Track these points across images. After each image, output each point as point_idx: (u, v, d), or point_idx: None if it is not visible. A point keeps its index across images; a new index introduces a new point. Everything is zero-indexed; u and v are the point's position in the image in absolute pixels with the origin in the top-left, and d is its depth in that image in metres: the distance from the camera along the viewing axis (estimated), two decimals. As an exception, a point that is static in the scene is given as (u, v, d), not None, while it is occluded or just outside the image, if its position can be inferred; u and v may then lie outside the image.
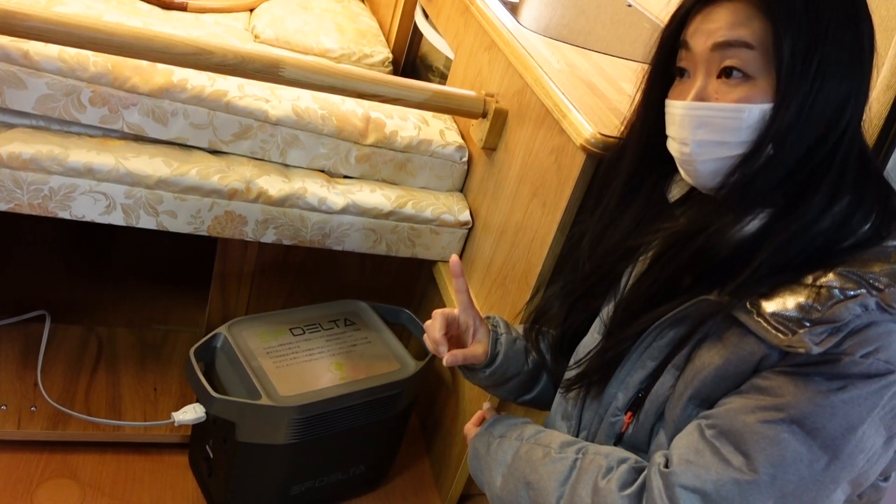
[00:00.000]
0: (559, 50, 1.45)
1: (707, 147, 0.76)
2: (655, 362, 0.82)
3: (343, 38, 1.94)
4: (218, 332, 1.39)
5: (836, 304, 0.67)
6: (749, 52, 0.73)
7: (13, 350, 1.57)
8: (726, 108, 0.74)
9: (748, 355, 0.73)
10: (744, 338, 0.73)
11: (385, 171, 1.49)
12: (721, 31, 0.74)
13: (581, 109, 1.17)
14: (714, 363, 0.75)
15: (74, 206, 1.28)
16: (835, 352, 0.68)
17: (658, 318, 0.80)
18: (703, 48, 0.75)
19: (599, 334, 0.91)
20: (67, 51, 1.22)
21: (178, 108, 1.31)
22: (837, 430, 0.68)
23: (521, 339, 1.06)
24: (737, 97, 0.73)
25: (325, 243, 1.45)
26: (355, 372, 1.39)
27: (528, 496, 0.85)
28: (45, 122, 1.29)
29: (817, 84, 0.71)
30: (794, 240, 0.73)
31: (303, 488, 1.42)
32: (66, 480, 1.40)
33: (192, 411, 1.33)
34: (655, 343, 0.82)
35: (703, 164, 0.77)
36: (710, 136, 0.75)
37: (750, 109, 0.73)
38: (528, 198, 1.29)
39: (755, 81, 0.73)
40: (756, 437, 0.69)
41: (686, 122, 0.77)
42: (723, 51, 0.74)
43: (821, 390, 0.68)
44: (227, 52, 1.22)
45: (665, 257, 0.81)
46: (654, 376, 0.82)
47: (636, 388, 0.84)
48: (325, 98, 1.43)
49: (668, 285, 0.81)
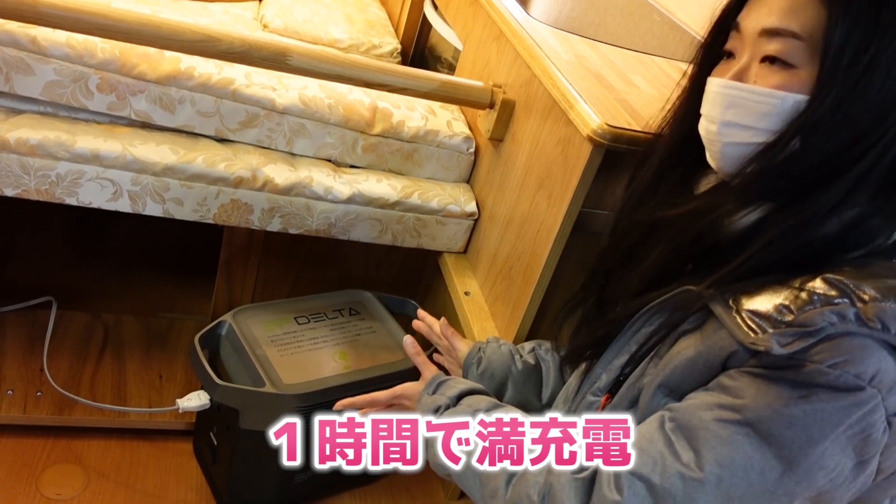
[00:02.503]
0: (568, 41, 1.45)
1: (733, 129, 0.74)
2: (639, 347, 0.81)
3: (352, 28, 1.94)
4: (223, 319, 1.39)
5: (812, 310, 0.65)
6: (796, 42, 0.70)
7: (20, 336, 1.58)
8: (760, 91, 0.72)
9: (718, 350, 0.71)
10: (717, 331, 0.72)
11: (391, 161, 1.49)
12: (772, 18, 0.71)
13: (588, 100, 1.17)
14: (686, 354, 0.74)
15: (81, 192, 1.28)
16: (801, 357, 0.65)
17: (648, 302, 0.80)
18: (752, 31, 0.73)
19: None
20: (75, 37, 1.22)
21: (186, 95, 1.31)
22: (795, 441, 0.65)
23: (506, 345, 1.10)
24: (774, 83, 0.71)
25: (331, 233, 1.45)
26: (359, 361, 1.39)
27: (477, 478, 0.82)
28: (53, 108, 1.29)
29: (863, 82, 0.67)
30: (786, 237, 0.70)
31: (305, 477, 1.42)
32: (71, 466, 1.41)
33: (196, 398, 1.34)
34: (643, 329, 0.81)
35: (726, 146, 0.75)
36: (739, 118, 0.73)
37: (784, 97, 0.70)
38: (535, 189, 1.29)
39: (797, 71, 0.70)
40: (709, 434, 0.68)
41: (718, 99, 0.75)
42: (770, 37, 0.71)
43: (782, 396, 0.66)
44: (235, 40, 1.22)
45: (670, 238, 0.80)
46: (636, 361, 0.81)
47: (618, 371, 0.83)
48: (333, 87, 1.42)
49: (667, 269, 0.80)
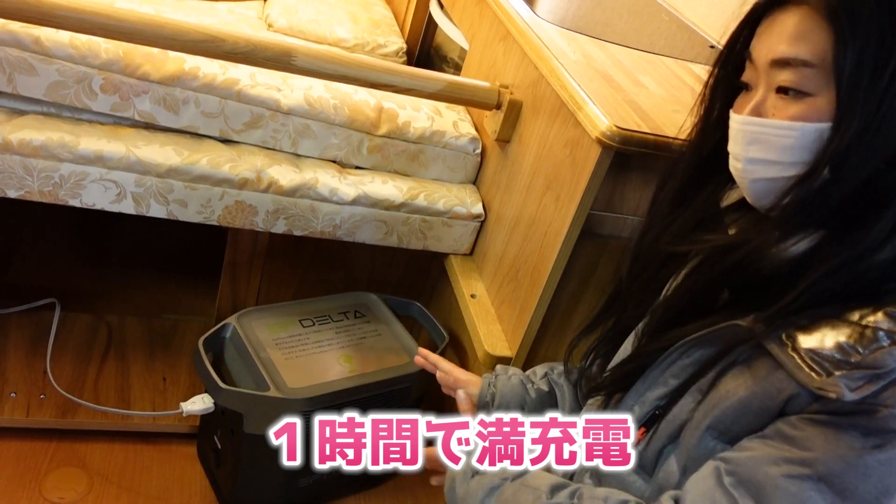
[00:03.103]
0: (575, 41, 1.43)
1: (758, 165, 0.71)
2: (678, 381, 0.77)
3: (357, 27, 1.92)
4: (227, 322, 1.38)
5: (880, 349, 0.61)
6: (808, 70, 0.67)
7: (23, 338, 1.57)
8: (779, 125, 0.69)
9: (776, 392, 0.67)
10: (773, 372, 0.67)
11: (397, 163, 1.47)
12: (781, 47, 0.68)
13: (597, 102, 1.15)
14: (738, 394, 0.69)
15: (85, 193, 1.27)
16: (872, 402, 0.62)
17: (686, 335, 0.75)
18: (763, 61, 0.70)
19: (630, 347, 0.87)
20: (79, 37, 1.21)
21: (190, 96, 1.30)
22: (871, 493, 0.62)
23: (516, 375, 1.08)
24: (792, 114, 0.68)
25: (336, 234, 1.44)
26: (364, 365, 1.37)
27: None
28: (56, 109, 1.28)
29: (886, 102, 0.63)
30: (844, 269, 0.66)
31: (310, 481, 1.41)
32: (75, 469, 1.40)
33: (200, 402, 1.33)
34: (680, 361, 0.77)
35: (754, 182, 0.72)
36: (762, 153, 0.70)
37: (804, 128, 0.67)
38: (542, 191, 1.28)
39: (814, 99, 0.67)
40: (779, 492, 0.63)
41: (739, 137, 0.72)
42: (781, 67, 0.68)
43: (854, 447, 0.62)
44: (239, 40, 1.21)
45: (702, 269, 0.76)
46: (674, 395, 0.77)
47: (653, 405, 0.79)
48: (338, 88, 1.41)
49: (702, 299, 0.76)
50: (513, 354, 1.32)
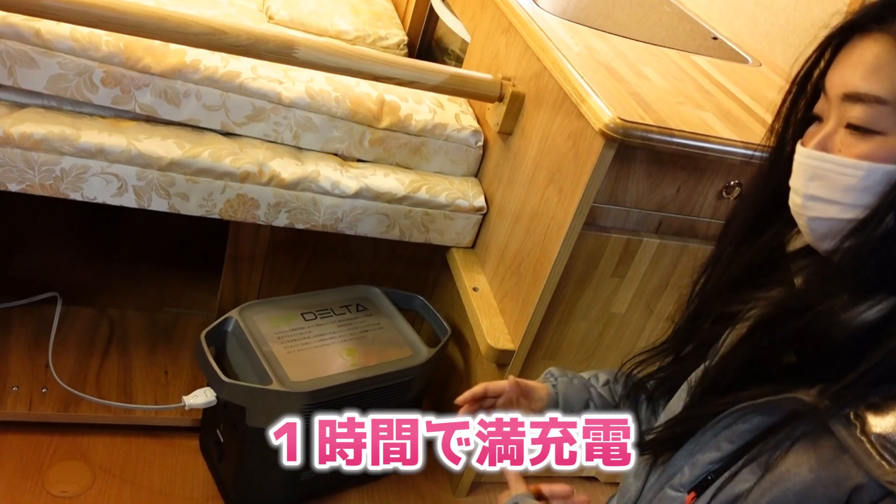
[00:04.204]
0: (578, 33, 1.43)
1: (818, 203, 0.66)
2: (732, 446, 0.71)
3: (358, 19, 1.92)
4: (229, 315, 1.38)
5: None
6: (882, 107, 0.61)
7: (25, 332, 1.57)
8: (843, 162, 0.63)
9: (842, 478, 0.60)
10: (840, 455, 0.61)
11: (399, 155, 1.47)
12: (854, 81, 0.63)
13: (600, 94, 1.15)
14: (801, 477, 0.63)
15: (86, 187, 1.27)
16: None
17: (744, 400, 0.69)
18: (835, 94, 0.65)
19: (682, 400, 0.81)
20: (79, 30, 1.21)
21: (191, 89, 1.29)
22: None
23: (578, 378, 0.98)
24: (860, 152, 0.62)
25: (338, 228, 1.43)
26: (367, 358, 1.37)
27: None
28: (57, 102, 1.28)
29: None
30: None
31: (312, 474, 1.41)
32: (77, 462, 1.40)
33: (202, 395, 1.32)
34: (735, 426, 0.71)
35: (812, 220, 0.67)
36: (823, 191, 0.65)
37: (871, 169, 0.62)
38: (545, 184, 1.27)
39: (886, 138, 0.62)
40: None
41: (801, 170, 0.67)
42: (853, 102, 0.63)
43: None
44: (241, 33, 1.21)
45: (763, 330, 0.70)
46: (727, 462, 0.71)
47: (705, 469, 0.73)
48: (340, 80, 1.41)
49: (762, 362, 0.70)
50: (515, 347, 1.32)
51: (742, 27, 1.92)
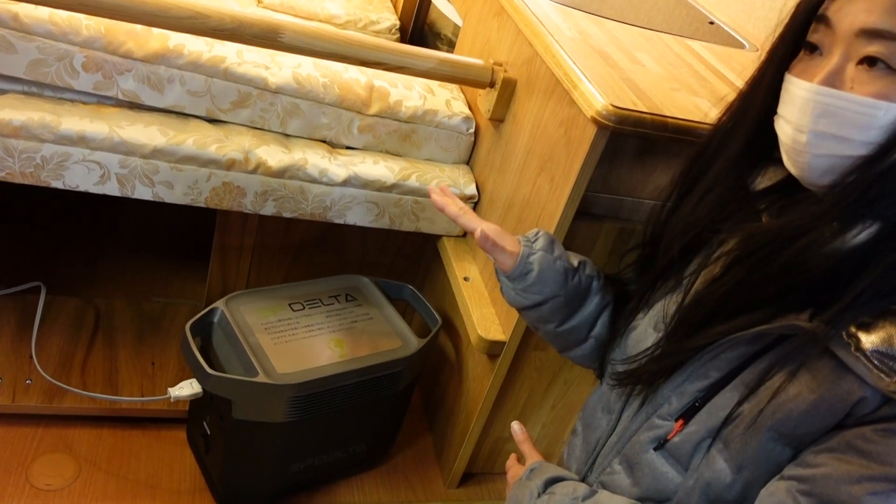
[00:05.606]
0: (571, 17, 1.40)
1: (826, 140, 0.65)
2: (720, 374, 0.73)
3: (349, 3, 1.88)
4: (215, 306, 1.35)
5: None
6: None
7: (8, 322, 1.54)
8: (860, 101, 0.63)
9: (845, 394, 0.63)
10: (841, 375, 0.64)
11: (389, 143, 1.44)
12: (873, 17, 0.62)
13: (593, 80, 1.12)
14: (804, 397, 0.66)
15: (67, 175, 1.24)
16: None
17: (733, 331, 0.71)
18: (846, 29, 0.64)
19: (655, 330, 0.82)
20: (59, 13, 1.17)
21: (175, 74, 1.26)
22: None
23: (562, 261, 0.94)
24: (874, 90, 0.62)
25: (327, 216, 1.41)
26: (356, 349, 1.35)
27: None
28: (38, 88, 1.25)
29: None
30: None
31: (301, 466, 1.39)
32: (62, 455, 1.38)
33: (188, 387, 1.30)
34: (725, 355, 0.73)
35: (816, 158, 0.66)
36: (833, 129, 0.64)
37: (888, 108, 0.62)
38: (537, 171, 1.25)
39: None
40: None
41: (808, 107, 0.66)
42: (870, 38, 0.62)
43: None
44: (224, 16, 1.17)
45: (749, 262, 0.70)
46: (715, 387, 0.73)
47: (693, 396, 0.75)
48: (328, 66, 1.38)
49: (748, 293, 0.71)
50: (506, 338, 1.30)
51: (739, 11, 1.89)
